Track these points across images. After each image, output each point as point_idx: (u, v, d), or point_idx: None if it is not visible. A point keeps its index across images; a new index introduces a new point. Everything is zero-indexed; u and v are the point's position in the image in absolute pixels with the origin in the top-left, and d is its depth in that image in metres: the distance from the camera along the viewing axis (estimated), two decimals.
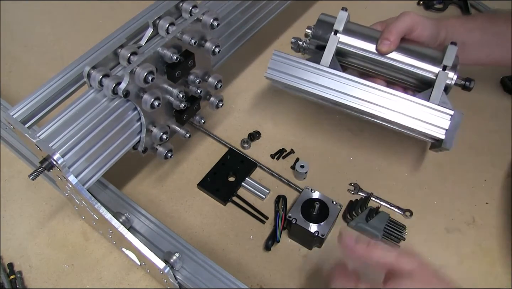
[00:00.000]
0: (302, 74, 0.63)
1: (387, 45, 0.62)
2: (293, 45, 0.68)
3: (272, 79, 0.64)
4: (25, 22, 0.98)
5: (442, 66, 0.61)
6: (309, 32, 0.66)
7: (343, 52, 0.65)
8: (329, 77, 0.62)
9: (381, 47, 0.62)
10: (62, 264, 0.64)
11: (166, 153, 0.62)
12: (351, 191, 0.71)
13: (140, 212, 0.62)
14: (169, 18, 0.57)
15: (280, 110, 0.81)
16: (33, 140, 0.51)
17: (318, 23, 0.66)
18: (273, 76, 0.64)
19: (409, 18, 0.62)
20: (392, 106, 0.61)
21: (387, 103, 0.61)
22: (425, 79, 0.63)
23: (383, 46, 0.62)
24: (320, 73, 0.63)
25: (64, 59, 0.91)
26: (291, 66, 0.64)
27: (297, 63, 0.63)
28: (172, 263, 0.55)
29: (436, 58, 0.62)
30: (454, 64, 0.62)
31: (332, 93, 0.62)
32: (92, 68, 0.53)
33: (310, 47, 0.67)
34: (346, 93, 0.62)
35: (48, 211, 0.69)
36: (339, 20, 0.64)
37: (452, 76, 0.62)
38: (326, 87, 0.62)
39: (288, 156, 0.76)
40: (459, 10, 1.00)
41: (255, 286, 0.62)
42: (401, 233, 0.66)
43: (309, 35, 0.66)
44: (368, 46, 0.64)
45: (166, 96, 0.60)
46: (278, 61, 0.64)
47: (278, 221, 0.66)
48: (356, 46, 0.64)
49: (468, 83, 0.63)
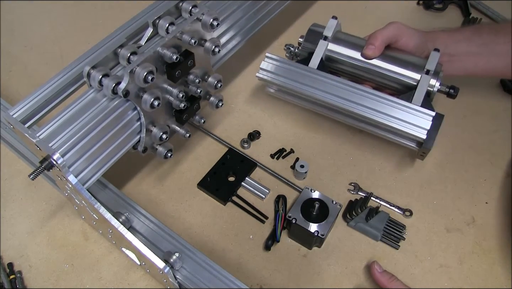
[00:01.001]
0: (291, 75, 0.67)
1: (372, 50, 0.66)
2: (286, 51, 0.73)
3: (263, 79, 0.68)
4: (25, 22, 0.98)
5: (424, 71, 0.64)
6: (301, 40, 0.71)
7: (332, 59, 0.69)
8: (315, 78, 0.66)
9: (366, 51, 0.66)
10: (62, 264, 0.64)
11: (166, 152, 0.62)
12: (351, 191, 0.71)
13: (140, 211, 0.62)
14: (169, 18, 0.57)
15: (280, 110, 0.81)
16: (33, 140, 0.51)
17: (309, 32, 0.70)
18: (264, 77, 0.68)
19: (394, 26, 0.66)
20: (375, 106, 0.63)
21: (370, 103, 0.64)
22: (409, 85, 0.66)
23: (368, 50, 0.66)
24: (308, 74, 0.67)
25: (64, 59, 0.91)
26: (281, 67, 0.68)
27: (286, 65, 0.68)
28: (172, 263, 0.55)
29: (420, 65, 0.65)
30: (437, 71, 0.64)
31: (317, 93, 0.66)
32: (92, 68, 0.53)
33: (302, 53, 0.71)
34: (331, 93, 0.65)
35: (48, 211, 0.69)
36: (328, 27, 0.69)
37: (434, 83, 0.64)
38: (313, 87, 0.66)
39: (288, 155, 0.76)
40: (459, 10, 1.00)
41: (255, 286, 0.62)
42: (401, 233, 0.66)
43: (301, 43, 0.71)
44: (355, 54, 0.68)
45: (166, 96, 0.60)
46: (270, 63, 0.69)
47: (278, 220, 0.66)
48: (344, 54, 0.69)
49: (452, 91, 0.65)
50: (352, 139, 0.77)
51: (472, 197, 0.71)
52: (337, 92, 0.65)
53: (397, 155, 0.75)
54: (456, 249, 0.66)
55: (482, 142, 0.77)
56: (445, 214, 0.69)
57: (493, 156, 0.75)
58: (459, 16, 0.99)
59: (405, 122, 0.62)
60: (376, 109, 0.63)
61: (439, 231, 0.67)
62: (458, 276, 0.63)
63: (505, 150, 0.76)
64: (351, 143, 0.77)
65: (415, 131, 0.61)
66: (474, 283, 0.63)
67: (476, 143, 0.76)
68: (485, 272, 0.64)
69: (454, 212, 0.69)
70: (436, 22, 0.98)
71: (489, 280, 0.63)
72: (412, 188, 0.72)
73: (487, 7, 0.98)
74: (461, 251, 0.66)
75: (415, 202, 0.70)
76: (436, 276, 0.63)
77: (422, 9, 1.00)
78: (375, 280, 0.60)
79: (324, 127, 0.79)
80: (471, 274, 0.63)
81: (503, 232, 0.67)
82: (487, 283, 0.63)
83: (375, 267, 0.60)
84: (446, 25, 0.96)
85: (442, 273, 0.63)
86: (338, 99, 0.64)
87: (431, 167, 0.74)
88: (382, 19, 0.98)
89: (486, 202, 0.70)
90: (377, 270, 0.60)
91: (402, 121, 0.62)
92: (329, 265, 0.64)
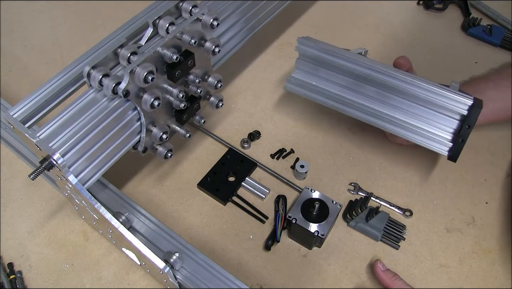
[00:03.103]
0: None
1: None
2: None
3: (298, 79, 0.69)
4: (25, 22, 0.98)
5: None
6: None
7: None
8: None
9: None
10: (62, 264, 0.64)
11: (166, 152, 0.62)
12: (351, 191, 0.71)
13: (140, 211, 0.62)
14: (169, 18, 0.57)
15: (280, 110, 0.81)
16: (33, 140, 0.51)
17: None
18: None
19: None
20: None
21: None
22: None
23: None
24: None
25: (64, 59, 0.91)
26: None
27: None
28: (172, 263, 0.55)
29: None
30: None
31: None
32: (92, 68, 0.53)
33: None
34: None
35: (48, 211, 0.69)
36: None
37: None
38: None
39: (288, 155, 0.76)
40: (459, 10, 1.00)
41: (255, 286, 0.62)
42: (401, 233, 0.66)
43: None
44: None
45: (166, 96, 0.60)
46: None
47: (278, 220, 0.66)
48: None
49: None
50: (352, 139, 0.77)
51: (472, 197, 0.71)
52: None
53: (397, 154, 0.75)
54: (456, 249, 0.66)
55: (482, 142, 0.77)
56: (445, 214, 0.69)
57: (493, 156, 0.75)
58: (459, 16, 0.99)
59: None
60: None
61: (439, 231, 0.67)
62: (458, 276, 0.63)
63: (505, 150, 0.76)
64: (351, 143, 0.77)
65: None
66: (474, 283, 0.63)
67: (476, 144, 0.76)
68: (485, 272, 0.64)
69: (454, 212, 0.69)
70: (436, 22, 0.98)
71: (489, 280, 0.63)
72: (412, 188, 0.72)
73: (487, 7, 0.98)
74: (461, 251, 0.66)
75: (415, 202, 0.70)
76: (436, 276, 0.63)
77: (422, 9, 1.00)
78: (378, 278, 0.60)
79: (324, 127, 0.79)
80: (471, 274, 0.63)
81: (503, 232, 0.67)
82: (487, 283, 0.63)
83: (378, 266, 0.60)
84: (446, 25, 0.97)
85: (442, 273, 0.63)
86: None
87: (431, 167, 0.74)
88: (382, 19, 0.98)
89: (486, 202, 0.70)
90: (380, 268, 0.60)
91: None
92: (329, 265, 0.64)
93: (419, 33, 0.95)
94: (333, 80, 0.68)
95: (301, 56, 0.69)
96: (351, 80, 0.67)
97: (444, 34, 0.95)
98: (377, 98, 0.66)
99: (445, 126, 0.63)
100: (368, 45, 0.91)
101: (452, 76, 0.79)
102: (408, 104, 0.64)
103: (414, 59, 0.71)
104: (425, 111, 0.64)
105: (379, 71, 0.64)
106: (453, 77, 0.76)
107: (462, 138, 0.61)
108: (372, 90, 0.66)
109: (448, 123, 0.63)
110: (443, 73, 0.87)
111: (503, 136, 0.78)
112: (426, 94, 0.62)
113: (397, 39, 0.94)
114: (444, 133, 0.63)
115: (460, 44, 0.93)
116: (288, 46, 0.92)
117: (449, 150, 0.62)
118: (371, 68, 0.64)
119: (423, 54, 0.91)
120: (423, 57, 0.90)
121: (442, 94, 0.61)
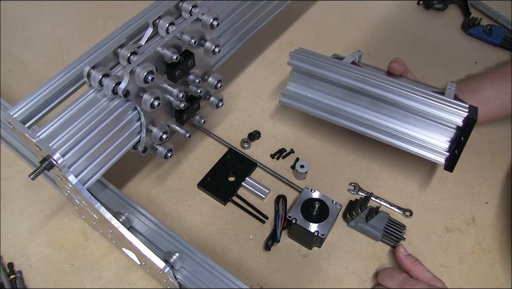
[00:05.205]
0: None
1: None
2: None
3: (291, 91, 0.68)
4: (25, 22, 0.98)
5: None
6: None
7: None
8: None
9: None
10: (62, 264, 0.64)
11: (166, 152, 0.62)
12: (351, 191, 0.71)
13: (140, 211, 0.62)
14: (169, 18, 0.57)
15: (280, 111, 0.81)
16: (33, 140, 0.51)
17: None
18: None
19: None
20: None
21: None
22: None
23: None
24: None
25: (64, 59, 0.91)
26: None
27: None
28: (172, 263, 0.55)
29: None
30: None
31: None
32: (92, 68, 0.53)
33: None
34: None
35: (48, 211, 0.69)
36: None
37: None
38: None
39: (288, 155, 0.76)
40: (459, 10, 1.00)
41: (255, 286, 0.62)
42: (401, 232, 0.66)
43: None
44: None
45: (166, 96, 0.60)
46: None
47: (278, 220, 0.66)
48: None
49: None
50: (352, 140, 0.77)
51: (472, 197, 0.71)
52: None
53: (397, 154, 0.75)
54: (456, 249, 0.66)
55: (482, 142, 0.77)
56: (445, 214, 0.69)
57: (493, 156, 0.75)
58: (459, 16, 0.99)
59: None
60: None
61: (439, 231, 0.67)
62: (458, 276, 0.63)
63: (505, 150, 0.76)
64: (351, 143, 0.77)
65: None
66: (474, 283, 0.63)
67: (476, 144, 0.76)
68: (485, 272, 0.64)
69: (454, 212, 0.69)
70: (436, 22, 0.98)
71: (489, 280, 0.63)
72: (412, 188, 0.72)
73: (487, 7, 0.98)
74: (461, 251, 0.66)
75: (415, 202, 0.70)
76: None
77: (422, 9, 1.00)
78: (399, 262, 0.61)
79: (324, 127, 0.79)
80: (471, 274, 0.63)
81: (503, 232, 0.67)
82: (487, 283, 0.63)
83: (400, 250, 0.61)
84: (446, 25, 0.97)
85: (442, 273, 0.63)
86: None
87: (431, 167, 0.74)
88: (382, 19, 0.98)
89: (486, 202, 0.70)
90: (403, 253, 0.61)
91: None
92: (329, 265, 0.64)
93: (419, 33, 0.95)
94: (328, 92, 0.68)
95: (295, 69, 0.69)
96: (346, 92, 0.67)
97: (444, 34, 0.95)
98: (372, 109, 0.66)
99: (441, 136, 0.63)
100: (368, 45, 0.91)
101: (452, 76, 0.80)
102: (403, 114, 0.64)
103: (414, 59, 0.72)
104: (420, 121, 0.63)
105: (371, 84, 0.64)
106: (453, 78, 0.76)
107: (457, 149, 0.61)
108: (367, 100, 0.66)
109: (444, 133, 0.63)
110: (443, 73, 0.86)
111: (503, 137, 0.78)
112: (419, 106, 0.62)
113: (397, 39, 0.94)
114: (440, 143, 0.63)
115: (460, 44, 0.93)
116: (288, 46, 0.93)
117: (446, 159, 0.62)
118: (364, 82, 0.64)
119: (423, 54, 0.91)
120: (423, 57, 0.90)
121: (436, 106, 0.61)
